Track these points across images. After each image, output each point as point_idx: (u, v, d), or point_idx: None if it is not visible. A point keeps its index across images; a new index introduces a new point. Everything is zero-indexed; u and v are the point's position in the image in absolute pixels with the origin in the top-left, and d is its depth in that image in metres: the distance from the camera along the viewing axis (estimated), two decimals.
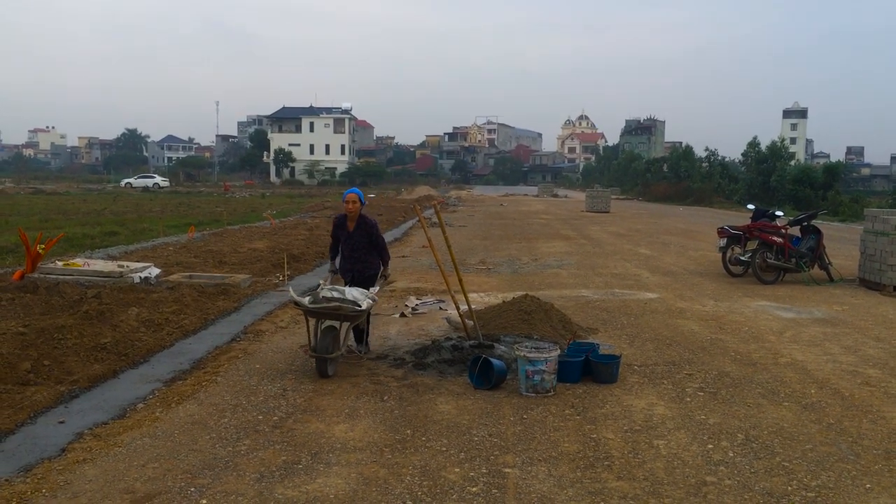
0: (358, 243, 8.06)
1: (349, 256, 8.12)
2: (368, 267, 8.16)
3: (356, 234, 8.04)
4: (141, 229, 23.80)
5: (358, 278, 8.07)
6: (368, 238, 8.06)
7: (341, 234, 8.14)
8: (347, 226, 8.07)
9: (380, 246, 8.19)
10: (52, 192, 58.37)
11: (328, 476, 4.80)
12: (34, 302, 9.87)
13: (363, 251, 8.09)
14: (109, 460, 5.08)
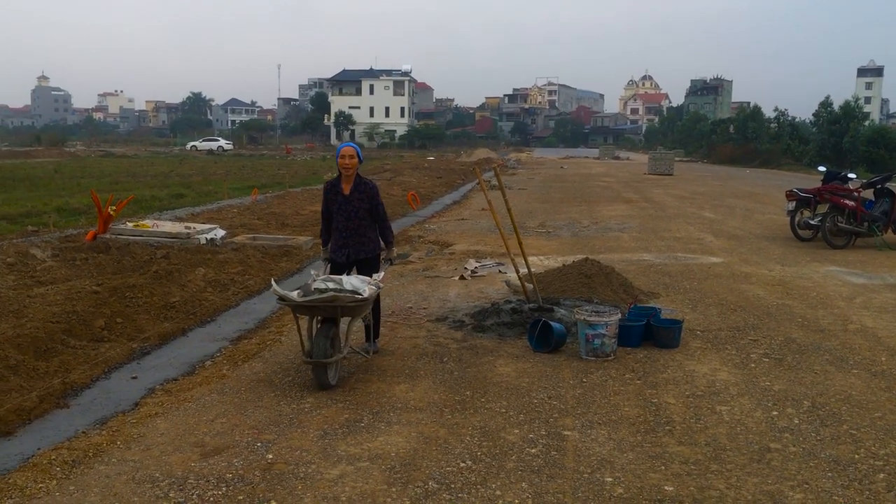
0: (355, 211, 6.52)
1: (343, 230, 6.56)
2: (367, 246, 6.63)
3: (353, 198, 6.54)
4: (206, 191, 24.30)
5: (353, 260, 6.62)
6: (368, 205, 6.56)
7: (334, 204, 6.61)
8: (342, 188, 6.58)
9: (381, 217, 6.66)
10: (121, 154, 59.91)
11: (389, 434, 4.89)
12: (106, 262, 10.20)
13: (361, 223, 6.56)
14: (180, 415, 5.26)
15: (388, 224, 6.75)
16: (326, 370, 5.73)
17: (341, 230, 6.55)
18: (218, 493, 4.04)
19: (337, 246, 6.61)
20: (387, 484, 4.16)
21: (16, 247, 10.89)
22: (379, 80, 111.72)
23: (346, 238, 6.55)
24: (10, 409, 5.24)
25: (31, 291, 8.42)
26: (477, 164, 35.71)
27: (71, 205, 19.06)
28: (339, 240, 6.58)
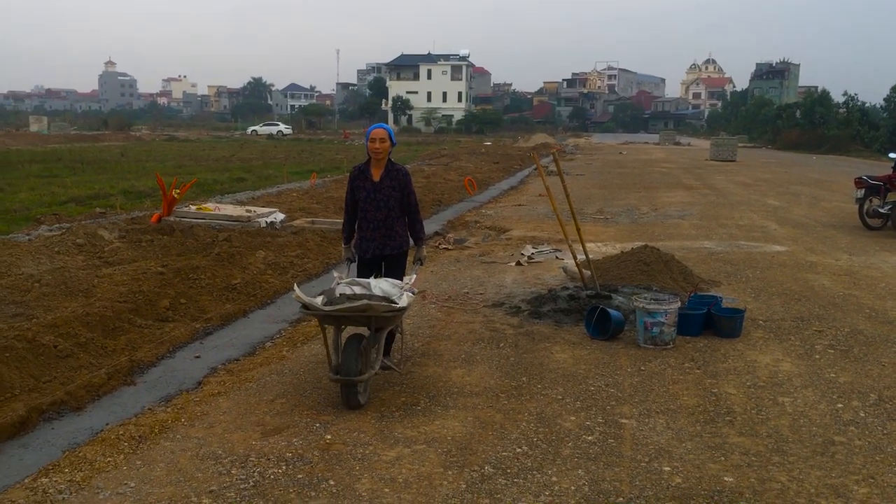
0: (385, 200, 5.71)
1: (371, 221, 5.74)
2: (394, 240, 5.79)
3: (383, 185, 5.72)
4: (266, 175, 24.67)
5: (379, 256, 5.83)
6: (400, 193, 5.75)
7: (361, 192, 5.77)
8: (371, 174, 5.76)
9: (412, 209, 5.86)
10: (184, 139, 61.18)
11: (445, 418, 4.91)
12: (171, 244, 10.45)
13: (390, 214, 5.74)
14: (241, 394, 5.37)
15: (419, 217, 5.92)
16: (356, 388, 5.03)
17: (368, 220, 5.73)
18: (278, 472, 4.12)
19: (362, 239, 5.81)
20: (443, 467, 4.19)
21: (85, 228, 11.23)
22: (437, 65, 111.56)
23: (373, 230, 5.73)
24: (81, 385, 5.42)
25: (99, 272, 8.68)
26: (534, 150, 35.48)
27: (136, 187, 19.54)
28: (364, 232, 5.78)
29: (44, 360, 5.69)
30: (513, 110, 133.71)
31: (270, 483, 3.97)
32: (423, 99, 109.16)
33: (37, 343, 5.80)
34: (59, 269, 8.79)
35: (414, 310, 7.82)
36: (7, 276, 8.31)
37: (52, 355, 5.79)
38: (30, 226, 12.62)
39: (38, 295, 7.56)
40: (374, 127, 5.84)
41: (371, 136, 5.71)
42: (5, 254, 9.37)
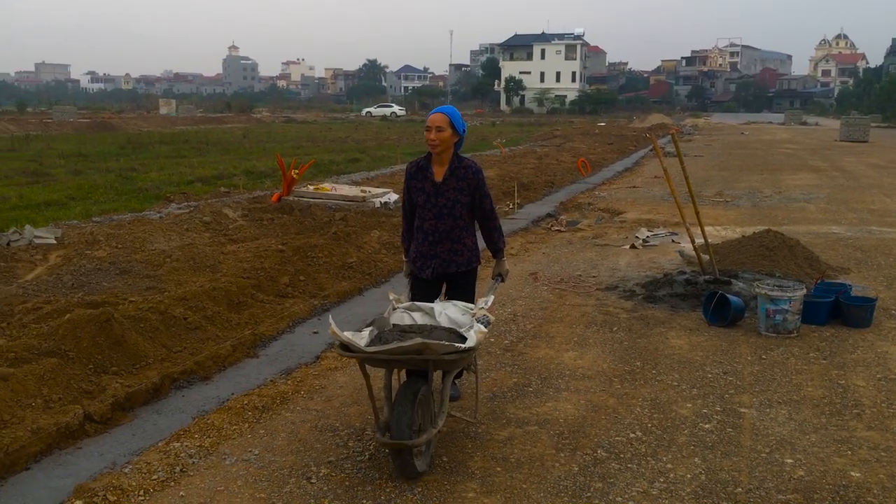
0: (448, 206, 4.48)
1: (430, 232, 4.53)
2: (461, 255, 4.56)
3: (447, 187, 4.48)
4: (380, 156, 25.10)
5: (441, 276, 4.61)
6: (470, 197, 4.51)
7: (419, 194, 4.56)
8: (432, 174, 4.53)
9: (487, 215, 4.61)
10: (301, 120, 62.94)
11: (557, 401, 4.90)
12: (290, 222, 10.80)
13: (456, 223, 4.51)
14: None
15: (497, 224, 4.66)
16: (414, 457, 3.79)
17: (427, 232, 4.53)
18: None
19: (419, 255, 4.59)
20: (555, 449, 4.19)
21: (211, 206, 11.77)
22: (550, 45, 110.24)
23: (433, 244, 4.52)
24: (208, 356, 5.70)
25: (224, 248, 9.08)
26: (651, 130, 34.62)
27: (257, 168, 20.29)
28: (422, 245, 4.56)
29: (174, 332, 6.00)
30: (628, 90, 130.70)
31: (385, 457, 4.07)
32: (536, 79, 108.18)
33: (168, 315, 6.12)
34: (188, 245, 9.25)
35: (525, 291, 7.82)
36: (141, 252, 8.81)
37: (182, 327, 6.10)
38: (160, 204, 13.32)
39: (168, 269, 7.98)
40: (436, 111, 4.55)
41: (428, 122, 4.48)
42: (139, 230, 9.93)
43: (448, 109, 4.54)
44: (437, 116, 4.48)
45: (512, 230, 11.45)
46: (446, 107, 4.57)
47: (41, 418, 4.36)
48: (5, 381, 4.52)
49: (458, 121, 4.48)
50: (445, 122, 4.43)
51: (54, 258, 8.52)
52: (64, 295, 7.02)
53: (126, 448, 4.27)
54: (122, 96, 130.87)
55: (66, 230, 9.76)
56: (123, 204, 13.30)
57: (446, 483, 3.80)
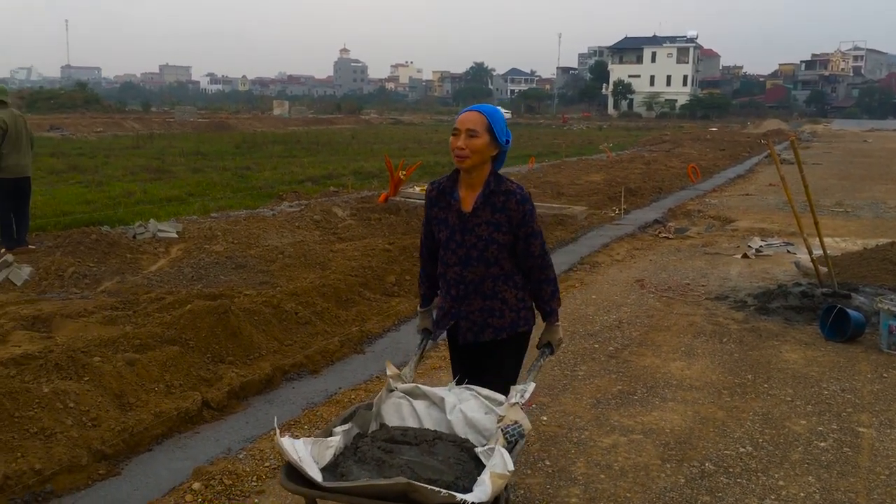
0: (479, 245, 3.15)
1: (454, 280, 3.21)
2: (501, 318, 3.21)
3: (478, 220, 3.14)
4: None
5: (469, 344, 3.26)
6: (511, 235, 3.13)
7: (442, 228, 3.24)
8: (457, 200, 3.18)
9: (535, 259, 3.19)
10: (408, 122, 63.83)
11: (664, 410, 4.81)
12: (397, 222, 11.00)
13: (489, 270, 3.16)
14: None
15: (549, 275, 3.22)
16: None
17: (451, 282, 3.20)
18: None
19: (442, 312, 3.30)
20: (661, 459, 4.12)
21: (321, 205, 12.11)
22: (662, 48, 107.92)
23: (458, 299, 3.19)
24: (317, 351, 5.87)
25: (333, 246, 9.32)
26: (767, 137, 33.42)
27: (365, 168, 20.71)
28: (445, 300, 3.27)
29: (286, 325, 6.21)
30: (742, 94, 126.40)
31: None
32: (646, 83, 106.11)
33: (280, 309, 6.35)
34: (299, 242, 9.55)
35: (631, 298, 7.69)
36: (255, 247, 9.16)
37: (292, 321, 6.31)
38: (273, 202, 13.79)
39: (281, 265, 8.27)
40: (468, 109, 3.15)
41: (458, 123, 3.09)
42: (254, 227, 10.32)
43: (486, 108, 3.11)
44: (471, 115, 3.06)
45: (618, 236, 11.30)
46: (485, 105, 3.13)
47: (163, 403, 4.60)
48: (132, 365, 4.79)
49: (499, 125, 3.07)
50: (481, 123, 3.03)
51: (175, 251, 8.96)
52: (184, 286, 7.38)
53: (240, 435, 4.46)
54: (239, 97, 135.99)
55: (186, 225, 10.24)
56: (238, 201, 13.83)
57: (549, 487, 3.80)
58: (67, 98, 58.38)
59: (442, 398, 2.97)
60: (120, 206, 12.61)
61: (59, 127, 36.29)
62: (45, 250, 8.48)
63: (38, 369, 4.51)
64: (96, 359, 4.73)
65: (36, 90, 66.95)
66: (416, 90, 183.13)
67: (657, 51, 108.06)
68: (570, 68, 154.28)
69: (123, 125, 41.24)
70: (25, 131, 8.91)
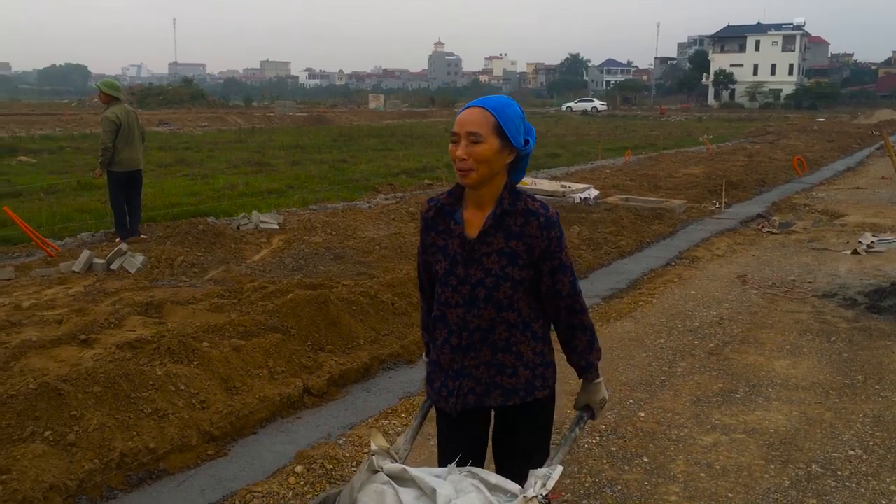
0: (487, 285, 2.39)
1: (456, 330, 2.44)
2: (514, 377, 2.44)
3: (485, 250, 2.39)
4: (580, 151, 24.91)
5: (476, 409, 2.50)
6: (530, 270, 2.41)
7: (439, 258, 2.49)
8: (460, 223, 2.43)
9: (563, 301, 2.45)
10: None
11: (767, 410, 4.67)
12: None
13: (502, 315, 2.41)
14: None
15: (583, 320, 2.53)
16: None
17: (451, 328, 2.48)
18: (592, 442, 4.21)
19: (436, 368, 2.56)
20: (764, 460, 4.00)
21: (416, 198, 12.24)
22: (766, 36, 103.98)
23: (460, 350, 2.46)
24: (413, 341, 5.94)
25: None
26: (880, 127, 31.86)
27: None
28: (442, 351, 2.52)
29: (383, 315, 6.32)
30: (852, 83, 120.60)
31: (584, 452, 4.08)
32: (749, 72, 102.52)
33: (377, 300, 6.46)
34: (395, 234, 9.69)
35: (732, 294, 7.49)
36: (353, 239, 9.35)
37: (389, 311, 6.42)
38: (369, 194, 14.02)
39: (378, 257, 8.41)
40: (471, 105, 2.39)
41: (457, 123, 2.35)
42: (351, 219, 10.53)
43: (493, 102, 2.34)
44: (472, 114, 2.32)
45: (718, 230, 10.99)
46: (491, 98, 2.37)
47: (266, 388, 4.77)
48: (237, 351, 4.98)
49: (511, 122, 2.32)
50: (487, 124, 2.30)
51: (276, 242, 9.24)
52: (285, 276, 7.60)
53: (340, 421, 4.57)
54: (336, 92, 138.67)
55: (286, 217, 10.53)
56: (336, 193, 14.13)
57: (646, 484, 3.75)
58: (175, 94, 60.72)
59: (434, 489, 2.13)
60: (224, 198, 13.07)
61: (167, 122, 37.84)
62: (156, 240, 8.89)
63: (152, 353, 4.75)
64: (205, 344, 4.94)
65: (145, 87, 69.92)
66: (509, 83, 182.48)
67: (761, 39, 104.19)
68: (668, 58, 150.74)
69: (227, 120, 42.66)
70: (137, 126, 9.35)
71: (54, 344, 5.04)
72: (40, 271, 7.76)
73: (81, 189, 14.08)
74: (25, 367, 4.67)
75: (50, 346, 5.01)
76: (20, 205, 11.38)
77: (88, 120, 35.24)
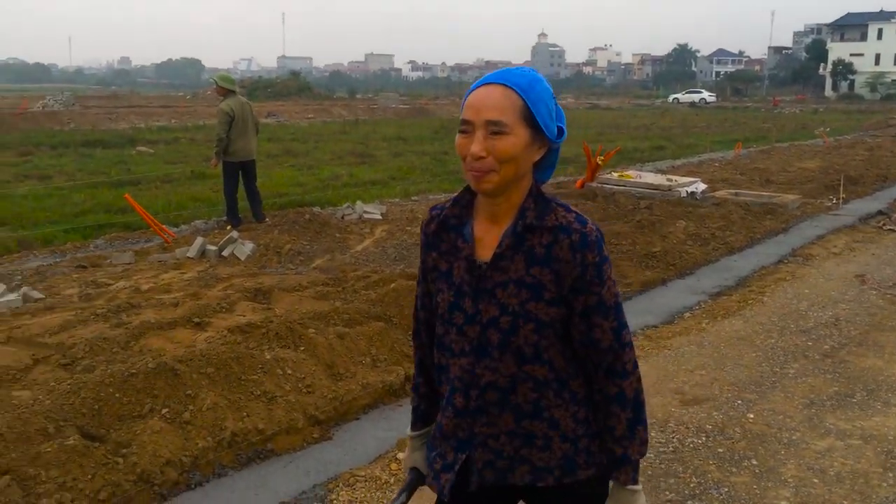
0: (503, 326, 1.73)
1: (462, 387, 1.78)
2: (550, 451, 1.78)
3: (499, 277, 1.74)
4: (686, 144, 24.24)
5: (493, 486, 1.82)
6: (561, 306, 1.73)
7: (441, 287, 1.85)
8: (469, 240, 1.80)
9: (600, 346, 1.75)
10: (605, 107, 62.64)
11: (886, 416, 4.43)
12: (593, 209, 10.86)
13: (524, 369, 1.75)
14: (659, 360, 5.43)
15: (628, 384, 1.78)
16: None
17: (456, 385, 1.80)
18: (698, 442, 4.10)
19: (438, 435, 1.87)
20: (882, 467, 3.81)
21: None
22: (890, 24, 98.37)
23: (467, 411, 1.80)
24: None
25: None
26: None
27: (561, 154, 20.54)
28: (445, 415, 1.85)
29: None
30: None
31: (690, 452, 3.98)
32: (870, 62, 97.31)
33: None
34: None
35: (849, 294, 7.14)
36: None
37: None
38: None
39: None
40: (480, 84, 1.73)
41: (463, 113, 1.73)
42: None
43: (518, 77, 1.72)
44: (491, 94, 1.70)
45: (835, 227, 10.49)
46: (513, 71, 1.73)
47: (369, 375, 4.85)
48: (341, 338, 5.09)
49: (543, 105, 1.73)
50: (512, 108, 1.69)
51: (379, 232, 9.39)
52: (388, 266, 7.71)
53: None
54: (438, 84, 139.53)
55: (389, 207, 10.70)
56: (437, 185, 14.24)
57: (755, 487, 3.63)
58: (282, 87, 62.45)
59: None
60: (328, 189, 13.38)
61: (275, 114, 38.95)
62: (265, 228, 9.18)
63: (261, 337, 4.90)
64: (311, 331, 5.07)
65: (255, 80, 72.19)
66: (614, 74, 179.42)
67: (884, 27, 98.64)
68: (782, 48, 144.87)
69: (331, 112, 43.60)
70: (251, 117, 9.68)
71: (171, 326, 5.28)
72: (157, 256, 8.15)
73: (195, 178, 14.69)
74: (144, 346, 4.91)
75: (167, 327, 5.24)
76: (138, 193, 11.96)
77: (201, 112, 36.72)
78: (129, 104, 43.64)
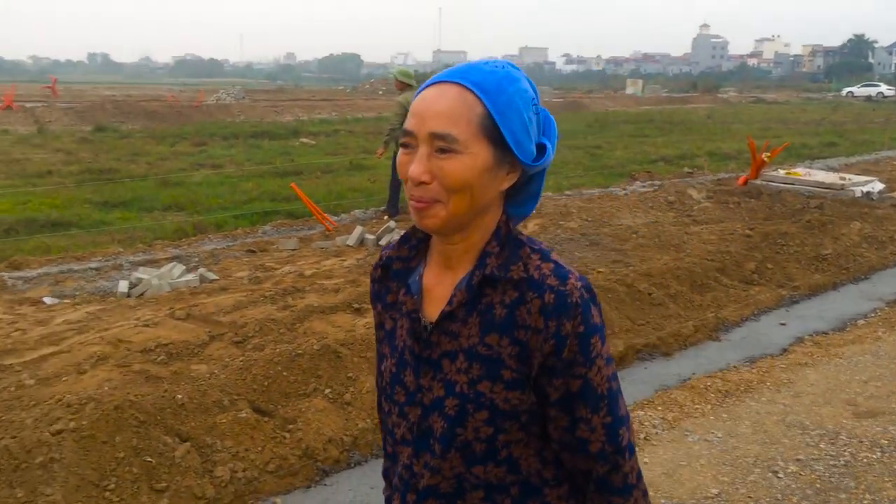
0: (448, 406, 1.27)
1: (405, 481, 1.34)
2: None
3: (447, 346, 1.28)
4: (861, 141, 22.68)
5: None
6: (526, 385, 1.25)
7: (385, 341, 1.42)
8: (415, 292, 1.33)
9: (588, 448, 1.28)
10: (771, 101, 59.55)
11: None
12: (758, 207, 10.38)
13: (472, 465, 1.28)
14: (830, 369, 5.13)
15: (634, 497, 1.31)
16: None
17: (404, 476, 1.36)
18: (872, 457, 3.85)
19: None
20: None
21: (675, 186, 11.84)
22: None
23: None
24: (670, 333, 5.78)
25: (688, 229, 9.07)
26: None
27: (721, 149, 19.77)
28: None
29: (638, 305, 6.20)
30: None
31: (863, 467, 3.74)
32: None
33: (634, 289, 6.34)
34: (653, 223, 9.45)
35: None
36: (608, 226, 9.24)
37: (646, 301, 6.28)
38: (625, 181, 13.77)
39: (634, 245, 8.25)
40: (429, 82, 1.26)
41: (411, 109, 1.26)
42: (607, 205, 10.42)
43: (479, 74, 1.24)
44: (441, 96, 1.22)
45: None
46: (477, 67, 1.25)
47: None
48: None
49: (514, 112, 1.25)
50: (466, 116, 1.21)
51: (532, 226, 9.37)
52: None
53: None
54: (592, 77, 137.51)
55: (542, 201, 10.64)
56: (590, 179, 14.04)
57: None
58: None
59: None
60: None
61: None
62: None
63: None
64: None
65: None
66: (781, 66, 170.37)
67: None
68: None
69: None
70: None
71: (332, 310, 5.50)
72: (319, 244, 8.51)
73: (353, 169, 15.21)
74: (308, 329, 5.14)
75: (329, 311, 5.47)
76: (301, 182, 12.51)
77: (360, 105, 37.96)
78: (294, 97, 45.73)
